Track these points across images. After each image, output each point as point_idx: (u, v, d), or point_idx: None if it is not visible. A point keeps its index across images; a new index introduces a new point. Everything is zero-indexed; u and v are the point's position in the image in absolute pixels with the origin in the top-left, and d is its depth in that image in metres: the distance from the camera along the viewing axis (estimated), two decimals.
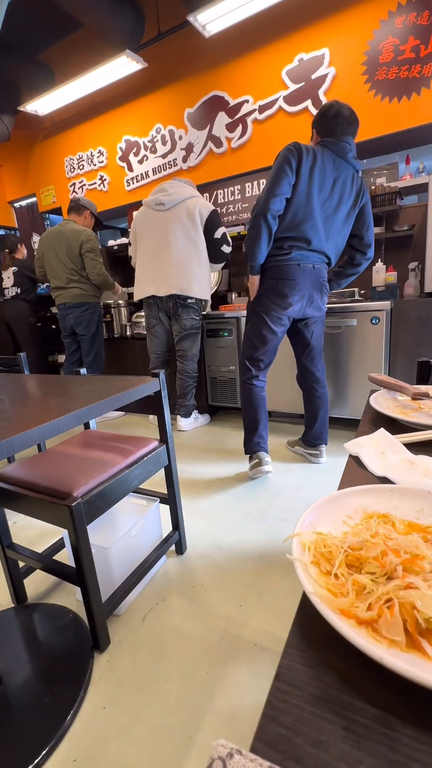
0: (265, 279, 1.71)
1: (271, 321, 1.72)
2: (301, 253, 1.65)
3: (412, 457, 0.58)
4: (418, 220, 2.51)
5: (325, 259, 1.74)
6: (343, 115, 1.60)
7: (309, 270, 1.69)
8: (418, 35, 2.33)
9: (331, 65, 2.63)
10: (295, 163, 1.52)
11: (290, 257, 1.65)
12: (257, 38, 2.85)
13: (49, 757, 0.79)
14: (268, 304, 1.71)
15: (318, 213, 1.61)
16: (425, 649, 0.27)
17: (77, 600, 1.19)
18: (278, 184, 1.51)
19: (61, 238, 2.71)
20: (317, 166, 1.55)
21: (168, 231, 2.33)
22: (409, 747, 0.23)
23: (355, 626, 0.28)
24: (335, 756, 0.23)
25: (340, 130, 1.61)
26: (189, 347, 2.54)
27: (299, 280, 1.67)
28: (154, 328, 2.56)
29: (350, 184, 1.66)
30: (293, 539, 0.36)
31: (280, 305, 1.70)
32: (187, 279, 2.36)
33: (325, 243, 1.68)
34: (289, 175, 1.52)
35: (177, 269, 2.34)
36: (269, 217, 1.53)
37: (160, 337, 2.59)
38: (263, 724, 0.25)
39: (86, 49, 3.52)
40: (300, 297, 1.70)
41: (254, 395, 1.81)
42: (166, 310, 2.48)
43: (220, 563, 1.32)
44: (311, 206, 1.58)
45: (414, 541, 0.34)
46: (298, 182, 1.54)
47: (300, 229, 1.61)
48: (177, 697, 0.88)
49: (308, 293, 1.72)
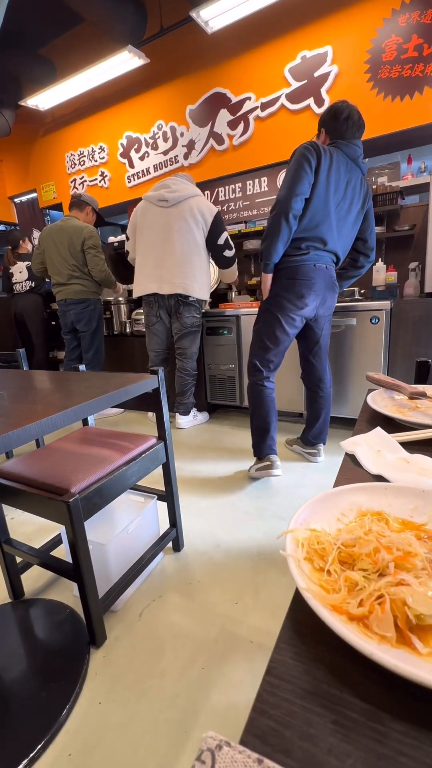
0: (280, 278, 1.70)
1: (286, 322, 1.71)
2: (317, 253, 1.66)
3: (408, 455, 0.58)
4: (419, 220, 2.50)
5: (335, 259, 1.75)
6: (353, 118, 1.60)
7: (323, 270, 1.70)
8: (421, 34, 2.32)
9: (333, 63, 2.62)
10: (315, 163, 1.52)
11: (307, 257, 1.65)
12: (260, 35, 2.84)
13: (45, 752, 0.79)
14: (283, 304, 1.70)
15: (333, 214, 1.62)
16: (415, 645, 0.27)
17: (74, 596, 1.20)
18: (299, 183, 1.50)
19: (63, 234, 2.70)
20: (333, 168, 1.56)
21: (172, 228, 2.32)
22: (398, 741, 0.23)
23: (347, 622, 0.28)
24: (324, 749, 0.23)
25: (350, 133, 1.61)
26: (189, 345, 2.55)
27: (316, 281, 1.68)
28: (153, 326, 2.56)
29: (359, 187, 1.67)
30: (287, 536, 0.37)
31: (296, 305, 1.69)
32: (190, 278, 2.36)
33: (338, 244, 1.70)
34: (309, 174, 1.51)
35: (181, 268, 2.34)
36: (290, 217, 1.52)
37: (160, 336, 2.58)
38: (253, 717, 0.25)
39: (88, 44, 3.50)
40: (315, 297, 1.70)
41: (265, 397, 1.80)
42: (167, 308, 2.48)
43: (217, 561, 1.32)
44: (328, 207, 1.59)
45: (407, 538, 0.35)
46: (317, 183, 1.53)
47: (318, 230, 1.61)
48: (173, 693, 0.88)
49: (322, 293, 1.72)
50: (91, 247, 2.71)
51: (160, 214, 2.35)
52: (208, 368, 2.79)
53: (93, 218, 2.92)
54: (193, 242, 2.34)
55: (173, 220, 2.32)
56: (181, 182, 2.40)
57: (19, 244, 3.50)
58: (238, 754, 0.20)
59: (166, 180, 2.41)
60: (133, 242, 2.52)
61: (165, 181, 2.41)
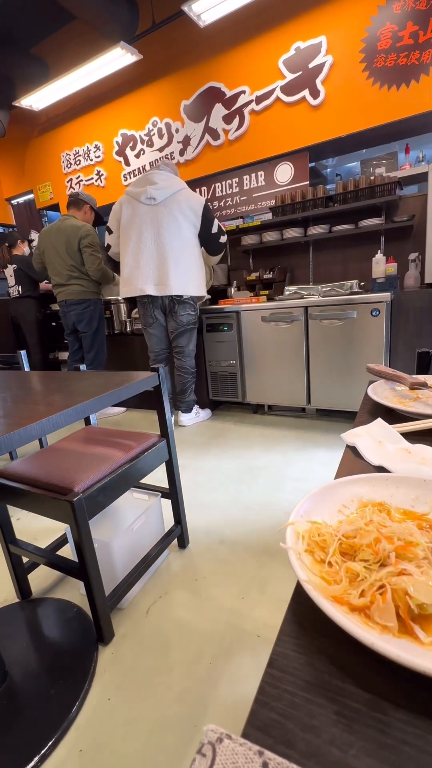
0: None
1: None
2: None
3: (409, 446, 0.57)
4: (418, 210, 2.48)
5: None
6: None
7: None
8: (416, 21, 2.29)
9: (328, 53, 2.59)
10: None
11: None
12: (253, 27, 2.81)
13: (56, 748, 0.80)
14: None
15: None
16: (417, 635, 0.27)
17: (81, 594, 1.20)
18: None
19: (61, 234, 2.70)
20: None
21: (162, 227, 2.28)
22: (401, 730, 0.23)
23: (348, 613, 0.28)
24: (326, 740, 0.23)
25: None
26: (186, 343, 2.53)
27: None
28: (150, 327, 2.54)
29: None
30: (287, 528, 0.36)
31: None
32: (186, 278, 2.34)
33: None
34: None
35: (176, 268, 2.31)
36: None
37: (158, 335, 2.57)
38: (255, 709, 0.25)
39: (80, 41, 3.48)
40: None
41: None
42: (162, 307, 2.46)
43: (222, 556, 1.32)
44: None
45: (408, 528, 0.34)
46: None
47: None
48: (181, 688, 0.89)
49: None
50: (88, 246, 2.69)
51: (147, 212, 2.29)
52: (209, 365, 2.79)
53: (91, 217, 2.90)
54: (184, 240, 2.31)
55: (162, 217, 2.27)
56: (167, 176, 2.33)
57: (17, 244, 3.50)
58: (239, 747, 0.20)
59: (151, 174, 2.32)
60: (115, 236, 2.45)
61: (149, 175, 2.32)
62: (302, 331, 2.36)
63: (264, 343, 2.53)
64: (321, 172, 3.28)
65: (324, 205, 2.60)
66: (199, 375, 2.77)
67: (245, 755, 0.20)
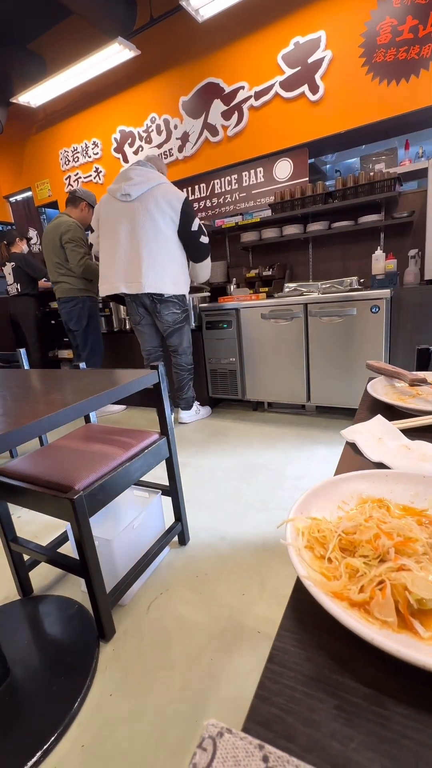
0: None
1: None
2: None
3: (409, 442, 0.57)
4: (417, 207, 2.47)
5: None
6: None
7: None
8: (416, 15, 2.27)
9: (327, 48, 2.57)
10: None
11: None
12: (252, 22, 2.79)
13: (58, 743, 0.80)
14: None
15: None
16: (417, 630, 0.27)
17: (82, 591, 1.21)
18: None
19: (54, 233, 2.71)
20: None
21: (137, 224, 2.21)
22: (401, 724, 0.23)
23: (348, 608, 0.28)
24: (327, 734, 0.23)
25: None
26: (179, 342, 2.50)
27: None
28: (139, 325, 2.50)
29: None
30: (287, 524, 0.36)
31: None
32: (161, 276, 2.26)
33: None
34: None
35: (149, 267, 2.23)
36: None
37: (148, 333, 2.52)
38: (255, 704, 0.25)
39: (78, 37, 3.46)
40: None
41: None
42: (144, 306, 2.40)
43: (223, 553, 1.33)
44: None
45: (408, 524, 0.34)
46: None
47: None
48: (182, 684, 0.89)
49: None
50: (69, 241, 2.66)
51: (122, 209, 2.23)
52: (209, 362, 2.78)
53: (89, 214, 2.88)
54: (160, 236, 2.22)
55: (137, 214, 2.20)
56: (144, 171, 2.25)
57: (15, 241, 3.49)
58: (240, 741, 0.20)
59: (128, 170, 2.27)
60: (96, 235, 2.42)
61: (127, 171, 2.27)
62: (302, 328, 2.36)
63: (264, 341, 2.53)
64: (320, 169, 3.26)
65: (323, 202, 2.59)
66: (198, 372, 2.77)
67: (245, 749, 0.20)
